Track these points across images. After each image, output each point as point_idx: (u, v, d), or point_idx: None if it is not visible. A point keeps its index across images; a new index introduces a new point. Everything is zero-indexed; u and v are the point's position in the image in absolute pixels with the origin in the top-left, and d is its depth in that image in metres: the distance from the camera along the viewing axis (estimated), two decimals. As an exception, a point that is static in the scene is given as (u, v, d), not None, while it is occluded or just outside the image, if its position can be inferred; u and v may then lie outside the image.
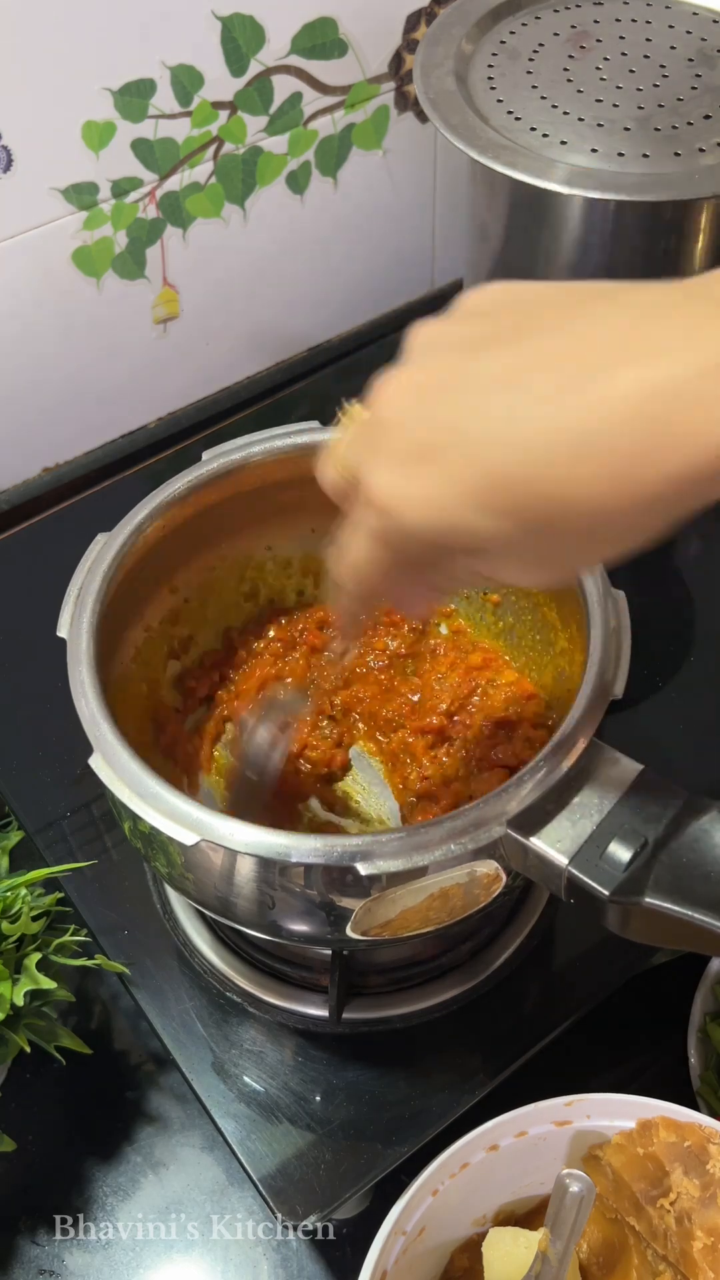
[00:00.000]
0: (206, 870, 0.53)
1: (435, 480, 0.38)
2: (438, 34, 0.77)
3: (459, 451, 0.37)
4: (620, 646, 0.55)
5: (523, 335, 0.38)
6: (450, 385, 0.38)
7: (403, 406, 0.39)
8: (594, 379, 0.35)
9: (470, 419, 0.37)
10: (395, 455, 0.39)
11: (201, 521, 0.65)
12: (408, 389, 0.39)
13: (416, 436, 0.38)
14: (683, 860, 0.47)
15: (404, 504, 0.39)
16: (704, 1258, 0.54)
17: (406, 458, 0.39)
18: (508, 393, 0.37)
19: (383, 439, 0.39)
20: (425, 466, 0.38)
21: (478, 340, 0.39)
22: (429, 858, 0.49)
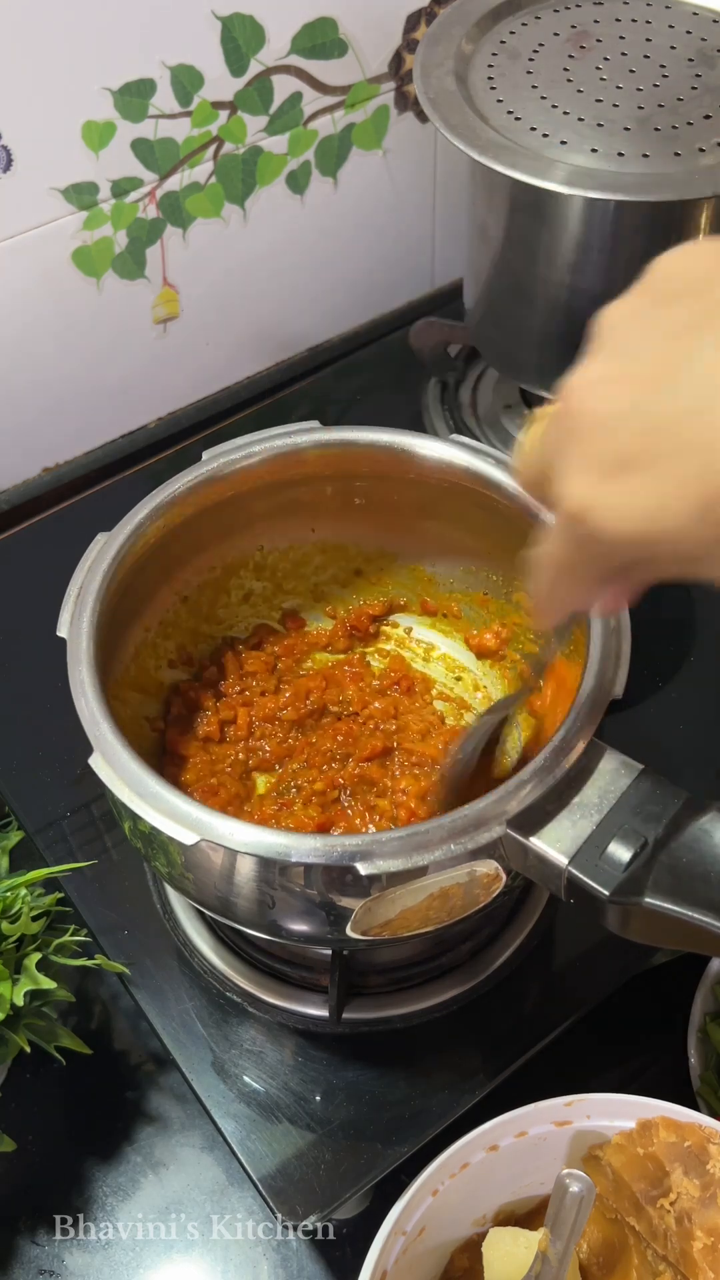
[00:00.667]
0: (206, 870, 0.53)
1: (647, 489, 0.35)
2: (438, 34, 0.77)
3: (676, 459, 0.34)
4: (620, 647, 0.55)
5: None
6: (662, 380, 0.35)
7: (608, 407, 0.36)
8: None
9: (689, 420, 0.34)
10: (598, 460, 0.36)
11: (202, 521, 0.65)
12: (611, 385, 0.36)
13: (621, 440, 0.35)
14: (682, 860, 0.47)
15: (608, 514, 0.36)
16: (704, 1258, 0.54)
17: (611, 463, 0.35)
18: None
19: (583, 441, 0.36)
20: (634, 474, 0.35)
21: (686, 324, 0.35)
22: (429, 857, 0.49)
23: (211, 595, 0.70)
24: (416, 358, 0.94)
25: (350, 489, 0.68)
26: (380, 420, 0.66)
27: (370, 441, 0.65)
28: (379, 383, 0.97)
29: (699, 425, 0.34)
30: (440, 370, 0.95)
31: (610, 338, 0.37)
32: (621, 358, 0.36)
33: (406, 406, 0.94)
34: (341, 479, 0.67)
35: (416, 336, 0.93)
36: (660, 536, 0.35)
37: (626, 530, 0.36)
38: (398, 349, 0.97)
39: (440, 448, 0.64)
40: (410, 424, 0.84)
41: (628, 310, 0.37)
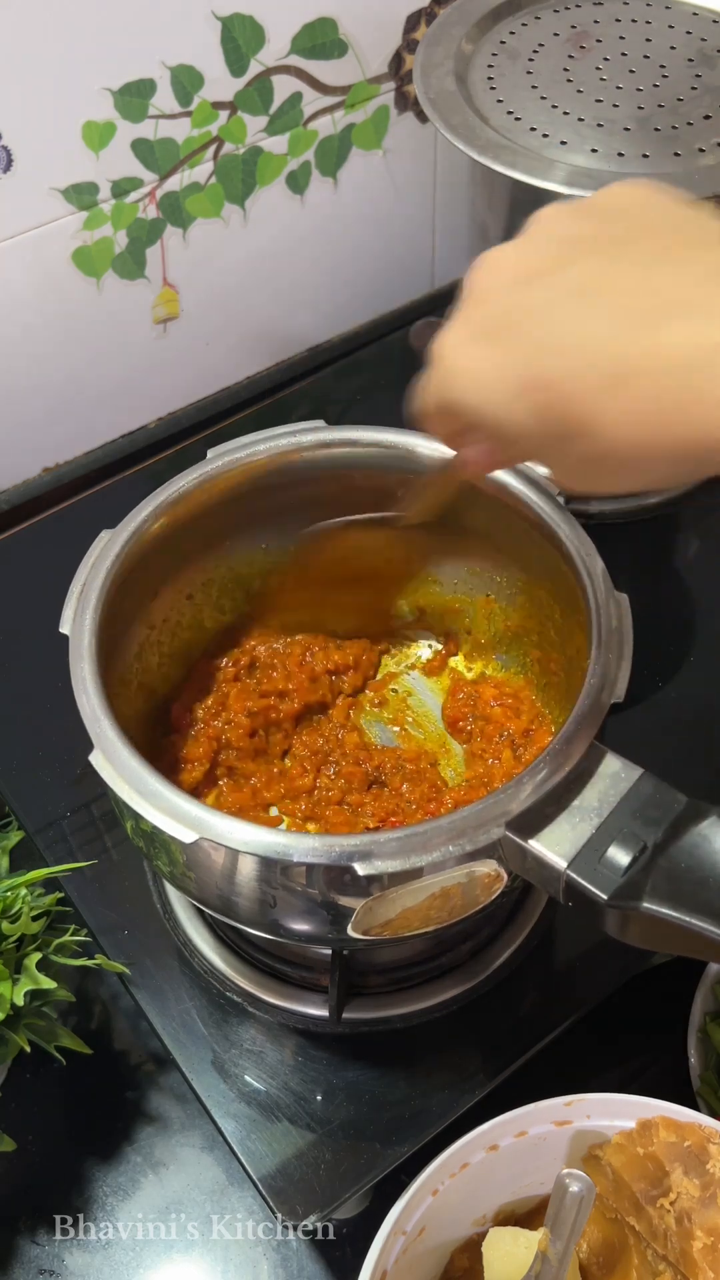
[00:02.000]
0: (207, 869, 0.53)
1: (489, 359, 0.40)
2: (438, 34, 0.77)
3: (517, 341, 0.39)
4: (621, 649, 0.55)
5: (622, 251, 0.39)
6: (538, 275, 0.40)
7: (493, 280, 0.41)
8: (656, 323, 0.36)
9: (537, 316, 0.39)
10: (468, 321, 0.41)
11: (205, 519, 0.65)
12: (504, 264, 0.41)
13: (490, 312, 0.41)
14: (681, 865, 0.47)
15: (455, 367, 0.41)
16: (704, 1257, 0.54)
17: (476, 328, 0.41)
18: (579, 304, 0.38)
19: (467, 302, 0.42)
20: (486, 344, 0.40)
21: (583, 240, 0.40)
22: (428, 858, 0.49)
23: (213, 594, 0.70)
24: (416, 358, 0.94)
25: (354, 488, 0.68)
26: (380, 420, 0.66)
27: (374, 441, 0.65)
28: (379, 383, 0.97)
29: (543, 319, 0.39)
30: (440, 370, 0.95)
31: (531, 230, 0.42)
32: (531, 249, 0.41)
33: (406, 406, 0.94)
34: (345, 478, 0.67)
35: (416, 336, 0.93)
36: (485, 403, 0.40)
37: (461, 387, 0.41)
38: (398, 349, 0.97)
39: (442, 448, 0.64)
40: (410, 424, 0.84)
41: (555, 211, 0.42)
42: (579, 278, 0.39)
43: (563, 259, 0.40)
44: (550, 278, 0.39)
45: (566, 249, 0.40)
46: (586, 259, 0.39)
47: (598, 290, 0.38)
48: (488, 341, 0.40)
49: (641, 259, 0.38)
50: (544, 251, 0.41)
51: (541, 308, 0.39)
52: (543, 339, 0.39)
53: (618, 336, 0.37)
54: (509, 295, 0.40)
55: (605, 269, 0.39)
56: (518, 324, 0.39)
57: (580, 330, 0.38)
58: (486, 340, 0.40)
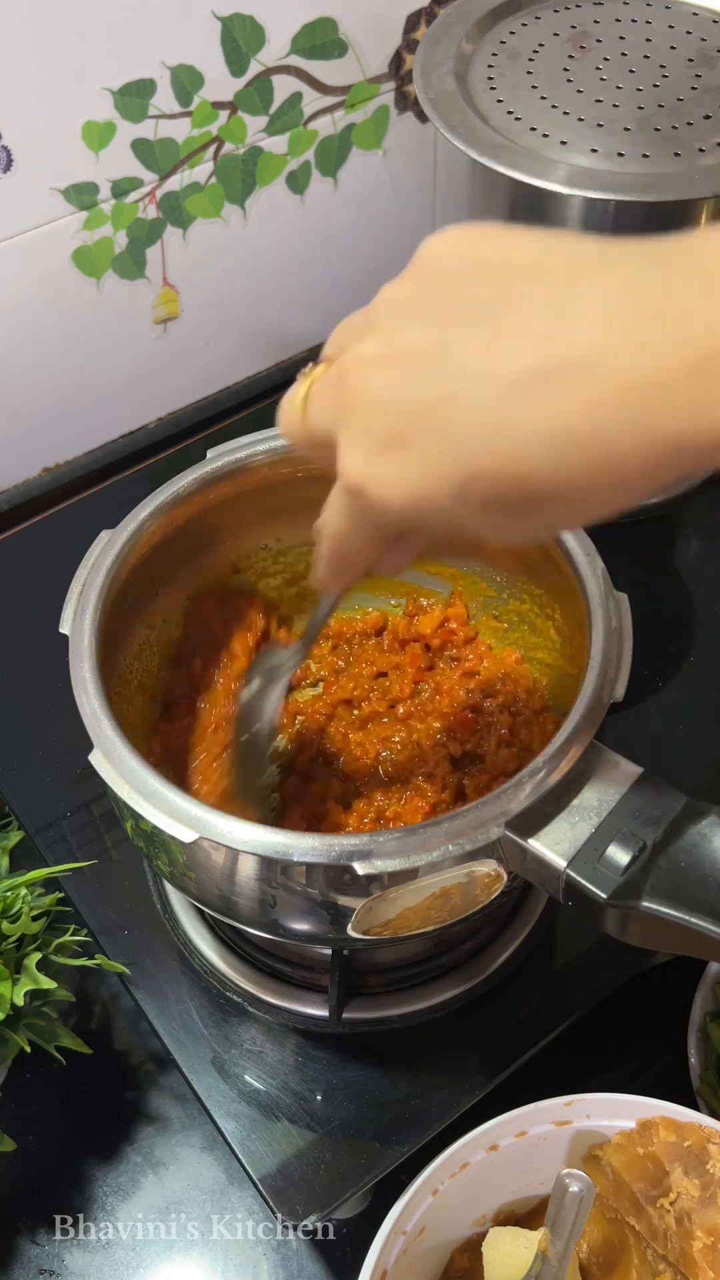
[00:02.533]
0: (207, 868, 0.53)
1: (412, 469, 0.37)
2: (438, 34, 0.77)
3: (435, 440, 0.36)
4: (621, 649, 0.55)
5: (498, 309, 0.36)
6: (424, 363, 0.37)
7: (376, 380, 0.38)
8: (580, 369, 0.34)
9: (445, 405, 0.36)
10: (369, 436, 0.38)
11: (206, 519, 0.65)
12: (380, 364, 0.38)
13: (390, 419, 0.37)
14: (681, 864, 0.47)
15: (379, 490, 0.38)
16: (704, 1258, 0.54)
17: (380, 442, 0.38)
18: (484, 381, 0.35)
19: (357, 415, 0.38)
20: (400, 453, 0.37)
21: (449, 311, 0.37)
22: (428, 858, 0.49)
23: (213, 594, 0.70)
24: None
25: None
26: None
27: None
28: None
29: (455, 409, 0.36)
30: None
31: (383, 317, 0.39)
32: (392, 338, 0.38)
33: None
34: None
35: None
36: (426, 509, 0.38)
37: (397, 503, 0.38)
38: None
39: None
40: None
41: (400, 293, 0.39)
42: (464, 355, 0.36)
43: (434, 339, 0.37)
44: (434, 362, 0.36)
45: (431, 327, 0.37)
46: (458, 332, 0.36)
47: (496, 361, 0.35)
48: (400, 449, 0.37)
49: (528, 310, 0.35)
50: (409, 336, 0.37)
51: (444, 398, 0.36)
52: (462, 431, 0.36)
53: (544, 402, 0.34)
54: (400, 392, 0.37)
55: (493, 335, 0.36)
56: (426, 421, 0.36)
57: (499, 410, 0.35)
58: (398, 448, 0.37)
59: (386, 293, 0.40)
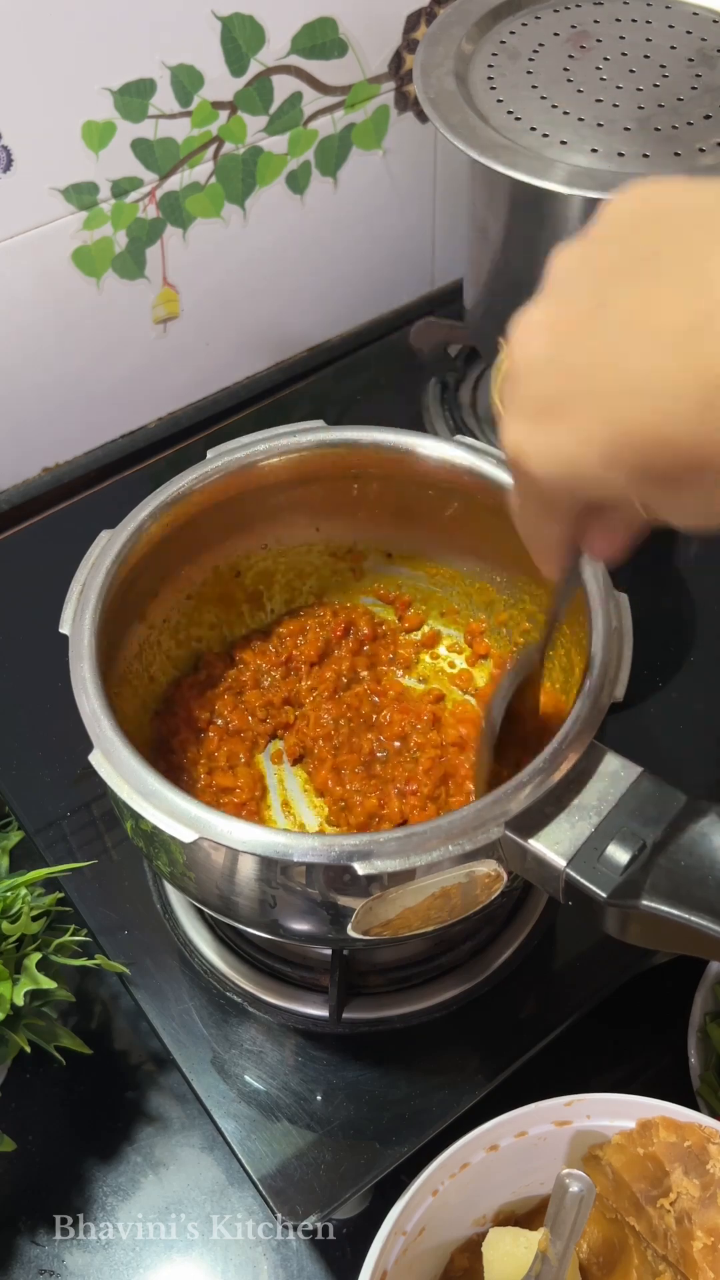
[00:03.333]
0: (207, 869, 0.53)
1: (562, 436, 0.36)
2: (438, 34, 0.77)
3: (588, 403, 0.35)
4: (621, 648, 0.55)
5: (657, 262, 0.35)
6: (582, 326, 0.36)
7: (535, 351, 0.37)
8: None
9: (600, 368, 0.35)
10: (525, 406, 0.37)
11: (206, 519, 0.65)
12: (541, 330, 0.37)
13: (546, 387, 0.37)
14: (681, 863, 0.47)
15: (533, 461, 0.37)
16: (704, 1258, 0.54)
17: (536, 410, 0.37)
18: (634, 339, 0.34)
19: (515, 386, 0.38)
20: (553, 421, 0.36)
21: (611, 269, 0.36)
22: (428, 858, 0.49)
23: (214, 594, 0.70)
24: (416, 358, 0.94)
25: (354, 488, 0.68)
26: (380, 420, 0.66)
27: (374, 441, 0.65)
28: (379, 383, 0.97)
29: (608, 373, 0.35)
30: (440, 370, 0.95)
31: (554, 280, 0.38)
32: (558, 301, 0.37)
33: (406, 406, 0.94)
34: (345, 478, 0.67)
35: (416, 336, 0.93)
36: (579, 476, 0.36)
37: (547, 472, 0.37)
38: (398, 349, 0.97)
39: (443, 448, 0.64)
40: (410, 424, 0.84)
41: (573, 253, 0.38)
42: (621, 313, 0.35)
43: (596, 299, 0.36)
44: (591, 324, 0.35)
45: (595, 287, 0.36)
46: (620, 289, 0.35)
47: (647, 315, 0.34)
48: (554, 418, 0.36)
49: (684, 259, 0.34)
50: (573, 299, 0.37)
51: (595, 358, 0.35)
52: (610, 391, 0.35)
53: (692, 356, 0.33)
54: (555, 360, 0.36)
55: (646, 288, 0.35)
56: (577, 386, 0.35)
57: (645, 367, 0.34)
58: (552, 417, 0.36)
59: (556, 257, 0.38)
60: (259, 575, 0.72)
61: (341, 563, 0.73)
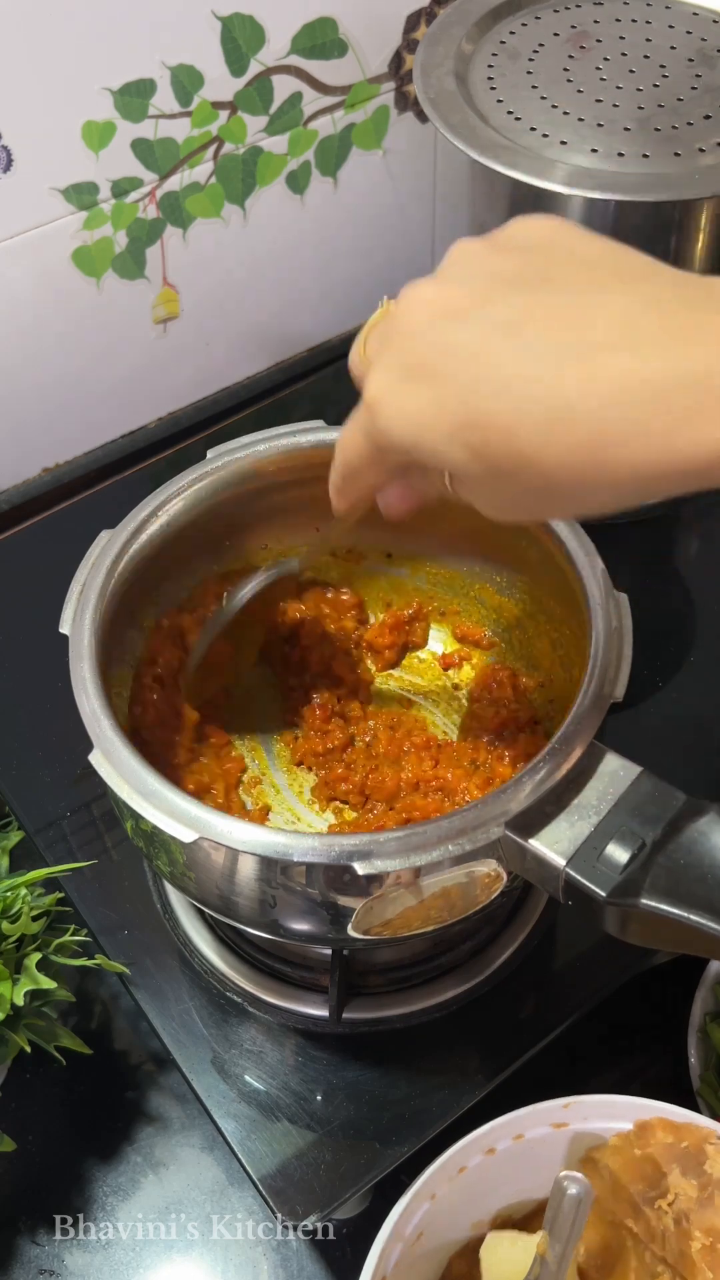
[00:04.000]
0: (207, 869, 0.53)
1: (422, 400, 0.40)
2: (438, 34, 0.77)
3: (450, 381, 0.39)
4: (621, 648, 0.55)
5: (546, 286, 0.39)
6: (465, 313, 0.39)
7: (419, 319, 0.40)
8: (590, 355, 0.36)
9: (469, 354, 0.39)
10: (397, 363, 0.41)
11: (206, 519, 0.65)
12: (429, 303, 0.41)
13: (419, 353, 0.40)
14: (680, 862, 0.47)
15: (389, 411, 0.41)
16: (702, 1258, 0.54)
17: (406, 370, 0.40)
18: (511, 341, 0.38)
19: (393, 343, 0.41)
20: (418, 384, 0.40)
21: (506, 276, 0.40)
22: (428, 858, 0.49)
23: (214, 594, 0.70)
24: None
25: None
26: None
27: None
28: (379, 383, 0.97)
29: (476, 357, 0.38)
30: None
31: (451, 265, 0.42)
32: (449, 284, 0.41)
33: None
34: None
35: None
36: (422, 444, 0.40)
37: (398, 429, 0.41)
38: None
39: None
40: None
41: (473, 247, 0.42)
42: (506, 313, 0.39)
43: (488, 294, 0.39)
44: (477, 313, 0.39)
45: (488, 284, 0.40)
46: (512, 294, 0.39)
47: (527, 325, 0.38)
48: (419, 381, 0.40)
49: (569, 292, 0.38)
50: (467, 287, 0.40)
51: (471, 345, 0.39)
52: (476, 377, 0.38)
53: (553, 372, 0.37)
54: (435, 333, 0.40)
55: (533, 303, 0.38)
56: (448, 362, 0.39)
57: (514, 367, 0.38)
58: (417, 380, 0.40)
59: (461, 245, 0.42)
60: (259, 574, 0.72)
61: (341, 563, 0.73)
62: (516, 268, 0.40)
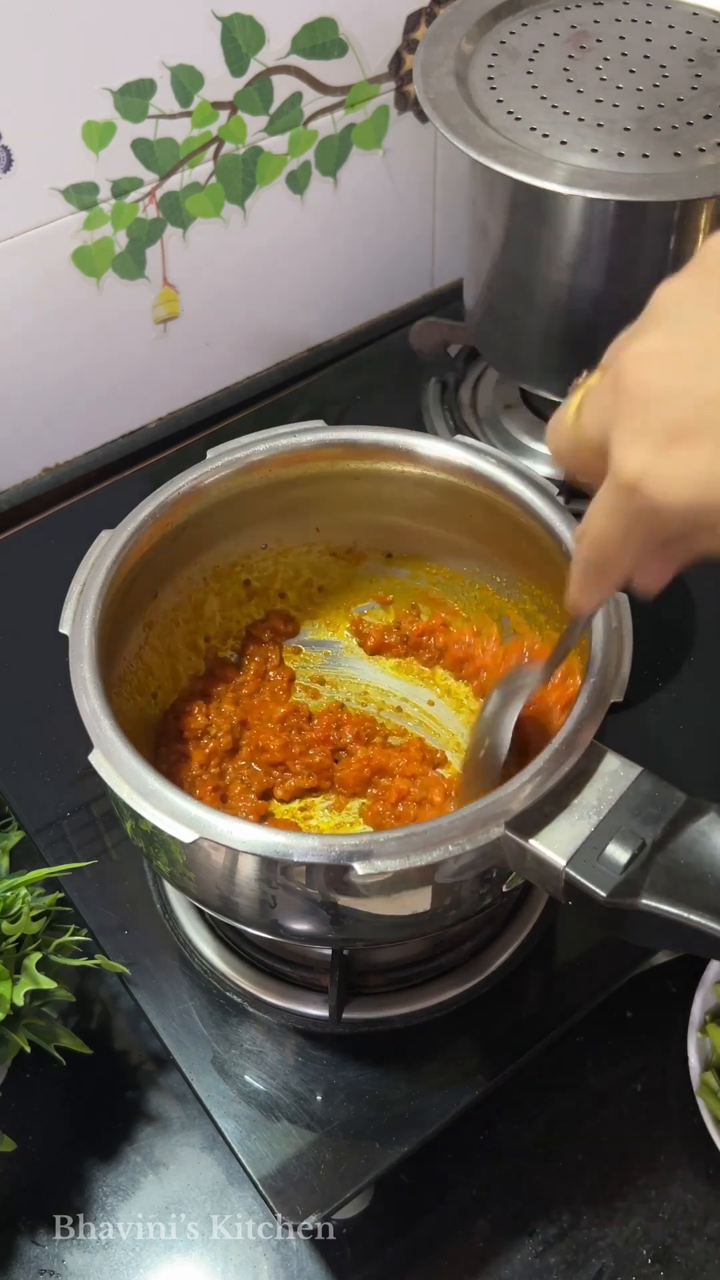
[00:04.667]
0: (207, 869, 0.53)
1: (700, 460, 0.36)
2: (438, 34, 0.77)
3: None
4: (621, 650, 0.55)
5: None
6: (711, 356, 0.36)
7: (662, 381, 0.37)
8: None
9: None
10: (653, 429, 0.37)
11: (205, 519, 0.65)
12: (664, 359, 0.37)
13: (678, 411, 0.37)
14: (680, 862, 0.47)
15: (662, 483, 0.37)
16: None
17: (667, 434, 0.37)
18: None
19: (638, 413, 0.38)
20: (689, 445, 0.36)
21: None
22: (428, 858, 0.49)
23: (214, 594, 0.70)
24: (416, 358, 0.94)
25: (354, 488, 0.68)
26: (380, 420, 0.66)
27: (374, 441, 0.65)
28: (379, 383, 0.97)
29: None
30: (440, 370, 0.95)
31: (664, 312, 0.38)
32: (675, 332, 0.37)
33: (406, 406, 0.94)
34: (345, 478, 0.67)
35: (416, 336, 0.93)
36: (712, 504, 0.36)
37: (682, 498, 0.37)
38: (398, 349, 0.97)
39: (443, 448, 0.64)
40: (410, 424, 0.84)
41: (682, 286, 0.38)
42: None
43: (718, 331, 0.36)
44: None
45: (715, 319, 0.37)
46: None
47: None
48: (689, 441, 0.36)
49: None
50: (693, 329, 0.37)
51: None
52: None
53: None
54: (686, 389, 0.36)
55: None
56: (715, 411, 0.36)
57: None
58: (687, 440, 0.36)
59: (665, 288, 0.39)
60: (259, 575, 0.72)
61: (341, 563, 0.73)
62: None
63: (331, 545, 0.72)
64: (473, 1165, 0.67)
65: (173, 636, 0.69)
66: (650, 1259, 0.64)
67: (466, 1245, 0.64)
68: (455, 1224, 0.65)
